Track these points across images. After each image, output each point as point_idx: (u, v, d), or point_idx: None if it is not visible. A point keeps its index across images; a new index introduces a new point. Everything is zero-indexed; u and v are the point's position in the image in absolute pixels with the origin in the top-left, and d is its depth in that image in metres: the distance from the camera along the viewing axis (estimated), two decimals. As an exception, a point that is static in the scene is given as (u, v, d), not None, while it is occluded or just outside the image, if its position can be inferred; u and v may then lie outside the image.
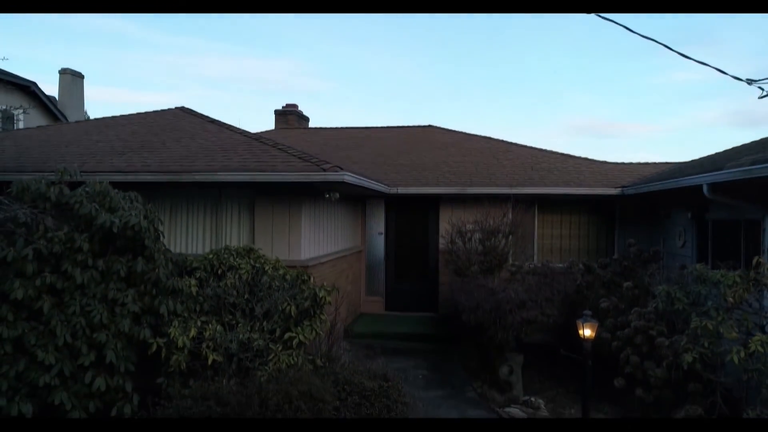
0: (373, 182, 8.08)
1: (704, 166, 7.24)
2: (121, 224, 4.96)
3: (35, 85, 15.74)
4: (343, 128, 15.52)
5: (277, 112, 16.46)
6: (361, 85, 51.09)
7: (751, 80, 5.60)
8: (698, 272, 5.30)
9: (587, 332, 5.46)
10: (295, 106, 16.51)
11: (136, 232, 5.06)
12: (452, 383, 7.25)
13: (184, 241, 7.11)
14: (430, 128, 14.95)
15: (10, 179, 5.58)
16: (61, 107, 17.20)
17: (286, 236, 6.88)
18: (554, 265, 8.65)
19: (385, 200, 10.79)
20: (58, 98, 17.63)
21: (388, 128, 15.28)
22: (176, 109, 10.24)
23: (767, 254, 5.67)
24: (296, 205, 6.93)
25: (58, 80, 17.89)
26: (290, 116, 16.25)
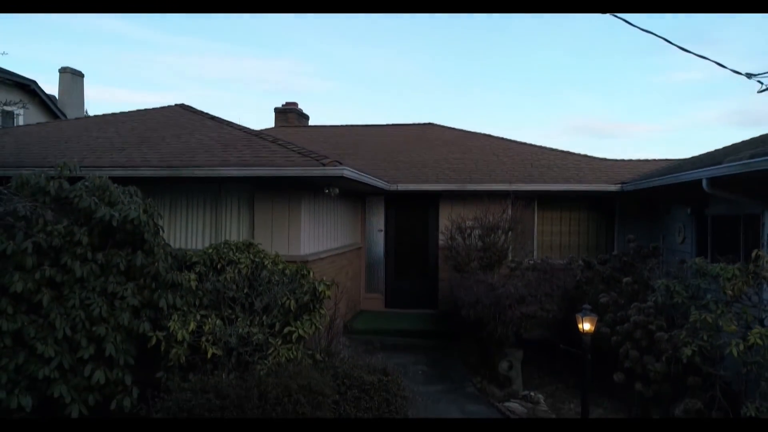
0: (372, 178, 8.08)
1: (704, 161, 7.24)
2: (120, 218, 4.96)
3: (35, 83, 15.75)
4: (342, 126, 15.51)
5: (277, 110, 16.44)
6: (361, 84, 51.14)
7: (750, 74, 5.62)
8: (697, 266, 5.30)
9: (586, 326, 5.46)
10: (295, 104, 16.49)
11: (135, 225, 5.06)
12: (452, 378, 7.25)
13: (183, 236, 7.11)
14: (429, 126, 14.95)
15: (9, 174, 5.58)
16: (61, 106, 17.21)
17: (285, 231, 6.89)
18: (554, 261, 8.65)
19: (384, 197, 10.79)
20: (58, 97, 17.64)
21: (387, 126, 15.27)
22: (176, 106, 10.25)
23: (767, 248, 5.67)
24: (296, 200, 6.93)
25: (58, 79, 17.92)
26: (290, 114, 16.24)
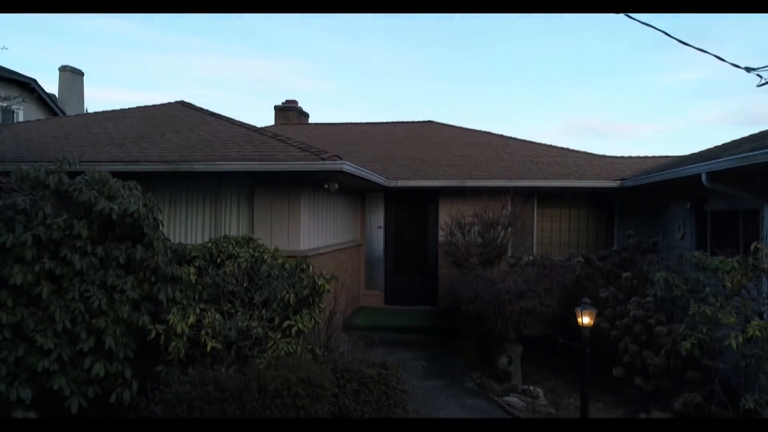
0: (371, 174, 8.08)
1: (703, 156, 7.24)
2: (120, 211, 4.96)
3: (35, 81, 15.75)
4: (342, 124, 15.51)
5: (276, 107, 16.44)
6: (360, 84, 51.14)
7: (749, 68, 5.62)
8: (697, 259, 5.30)
9: (586, 320, 5.46)
10: (294, 102, 16.49)
11: (135, 219, 5.06)
12: (451, 374, 7.25)
13: (183, 231, 7.11)
14: (429, 123, 14.95)
15: (9, 169, 5.58)
16: (61, 104, 17.20)
17: (285, 226, 6.89)
18: (553, 257, 8.65)
19: (384, 194, 10.80)
20: (58, 95, 17.63)
21: (387, 124, 15.27)
22: (176, 102, 10.26)
23: (766, 242, 5.68)
24: (295, 195, 6.94)
25: (58, 78, 17.92)
26: (290, 112, 16.24)
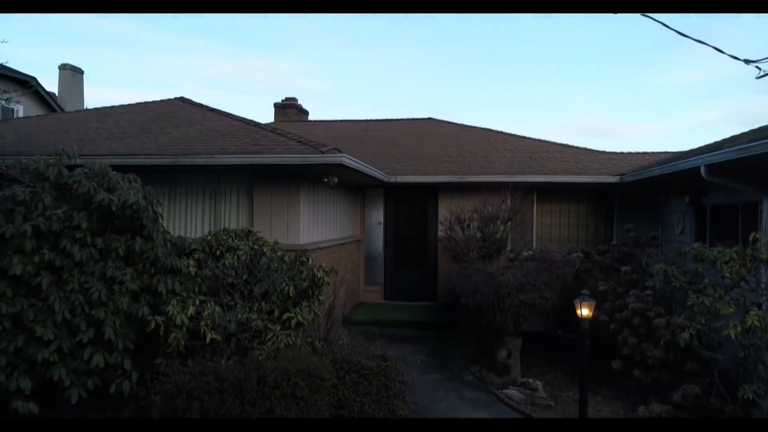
0: (371, 168, 8.09)
1: (702, 151, 7.24)
2: (119, 202, 4.97)
3: (35, 79, 15.74)
4: (342, 121, 15.51)
5: (276, 105, 16.44)
6: (360, 84, 51.12)
7: (748, 60, 5.60)
8: (695, 251, 5.30)
9: (585, 311, 5.46)
10: (294, 99, 16.49)
11: (134, 210, 5.07)
12: (450, 368, 7.26)
13: (182, 225, 7.12)
14: (429, 121, 14.96)
15: (8, 163, 5.58)
16: (60, 102, 17.21)
17: (284, 220, 6.90)
18: (553, 252, 8.64)
19: (384, 190, 10.81)
20: (57, 94, 17.64)
21: (387, 121, 15.27)
22: (175, 99, 10.26)
23: (765, 234, 5.68)
24: (295, 189, 6.94)
25: (57, 76, 17.92)
26: (290, 109, 16.24)
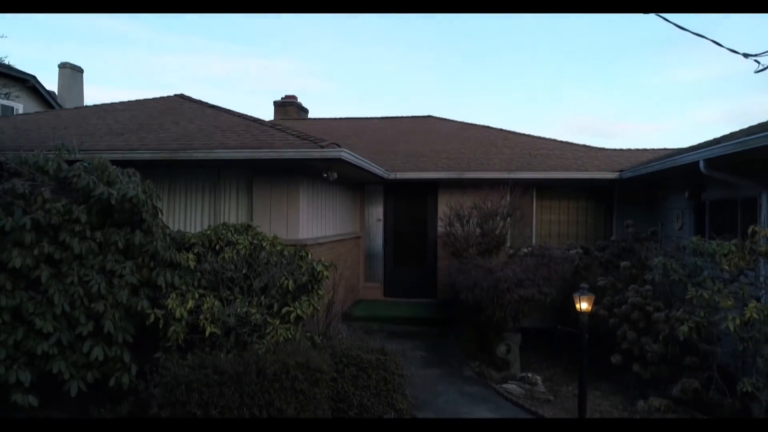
0: (370, 163, 8.10)
1: (701, 147, 7.24)
2: (119, 196, 4.97)
3: (35, 78, 15.75)
4: (342, 119, 15.50)
5: (276, 103, 16.43)
6: (360, 84, 51.11)
7: (747, 54, 5.59)
8: (694, 244, 5.31)
9: (584, 305, 5.47)
10: (294, 97, 16.47)
11: (134, 204, 5.07)
12: (450, 363, 7.26)
13: (182, 220, 7.12)
14: (429, 118, 14.95)
15: (8, 160, 5.58)
16: (60, 101, 17.20)
17: (284, 215, 6.90)
18: (552, 248, 8.65)
19: (383, 187, 10.81)
20: (57, 92, 17.63)
21: (387, 119, 15.26)
22: (175, 96, 10.25)
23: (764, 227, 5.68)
24: (294, 185, 6.95)
25: (57, 75, 17.91)
26: (289, 107, 16.22)
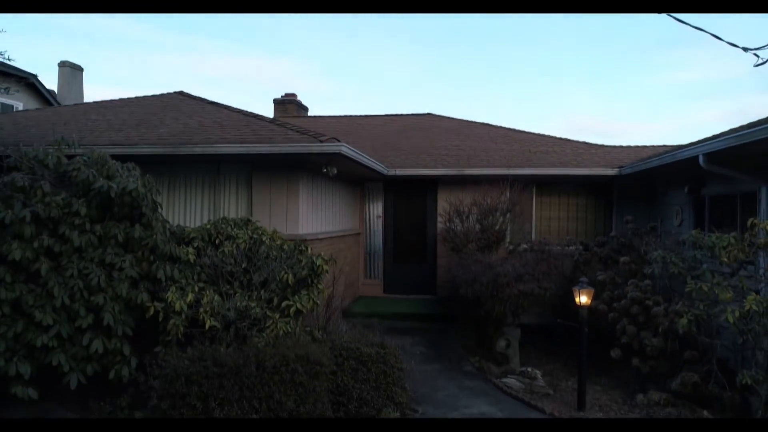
0: (370, 159, 8.10)
1: (700, 142, 7.25)
2: (119, 189, 4.98)
3: (35, 77, 15.73)
4: (342, 116, 15.50)
5: (276, 101, 16.41)
6: (360, 83, 51.06)
7: (746, 48, 5.60)
8: (694, 237, 5.32)
9: (583, 299, 5.48)
10: (294, 95, 16.45)
11: (133, 198, 5.08)
12: (450, 358, 7.27)
13: (182, 215, 7.12)
14: (428, 116, 14.95)
15: (8, 154, 5.59)
16: (60, 100, 17.18)
17: (284, 211, 6.90)
18: (552, 244, 8.65)
19: (383, 183, 10.81)
20: (57, 91, 17.61)
21: (386, 116, 15.26)
22: (175, 93, 10.26)
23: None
24: (294, 180, 6.95)
25: (57, 73, 17.90)
26: (289, 105, 16.20)
